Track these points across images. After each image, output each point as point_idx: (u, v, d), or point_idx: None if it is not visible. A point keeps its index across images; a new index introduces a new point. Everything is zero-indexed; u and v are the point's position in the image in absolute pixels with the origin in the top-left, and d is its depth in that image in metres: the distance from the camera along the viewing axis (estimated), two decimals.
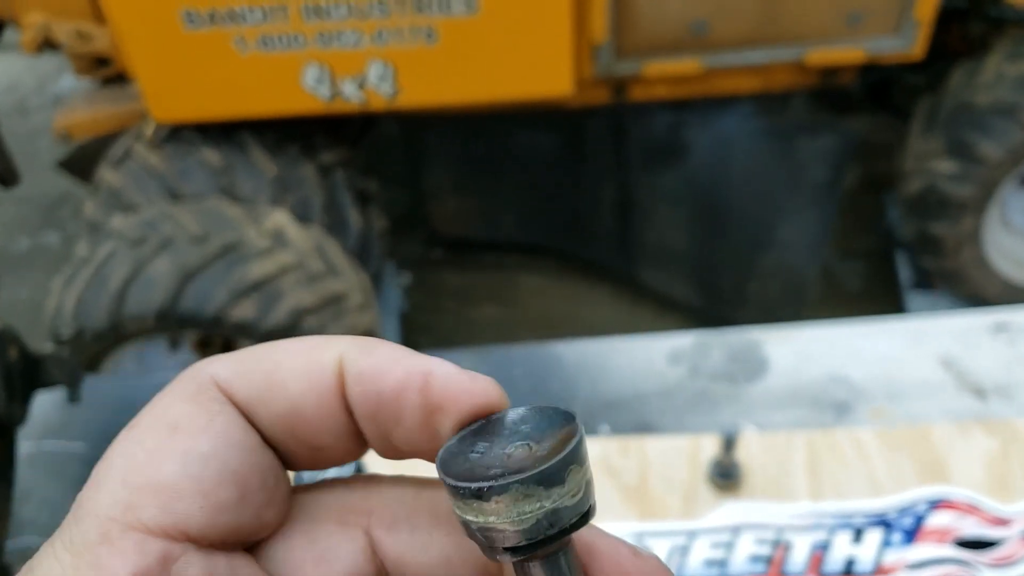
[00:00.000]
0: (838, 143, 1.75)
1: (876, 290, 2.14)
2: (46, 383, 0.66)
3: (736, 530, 0.64)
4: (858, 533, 0.64)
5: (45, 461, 0.72)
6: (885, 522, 0.65)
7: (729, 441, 0.63)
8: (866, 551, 0.64)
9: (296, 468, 0.23)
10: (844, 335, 0.70)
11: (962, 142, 1.67)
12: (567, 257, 2.21)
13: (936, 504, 0.65)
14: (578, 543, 0.22)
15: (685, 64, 1.59)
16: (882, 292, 2.11)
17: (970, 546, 0.64)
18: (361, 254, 1.69)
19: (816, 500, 0.65)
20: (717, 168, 1.84)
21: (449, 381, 0.21)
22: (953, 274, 1.84)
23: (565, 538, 0.20)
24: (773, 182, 1.83)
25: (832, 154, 1.76)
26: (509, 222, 2.15)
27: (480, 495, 0.19)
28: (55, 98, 2.86)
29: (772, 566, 0.62)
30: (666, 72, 1.60)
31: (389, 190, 2.08)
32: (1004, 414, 0.68)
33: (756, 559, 0.63)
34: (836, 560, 0.63)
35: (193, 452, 0.21)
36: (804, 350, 0.70)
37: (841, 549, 0.63)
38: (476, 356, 0.72)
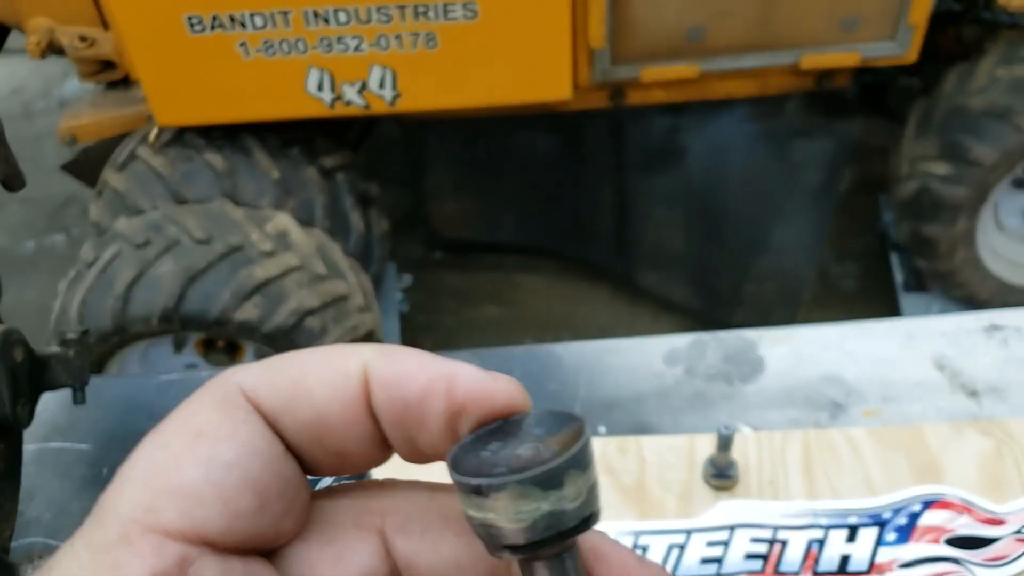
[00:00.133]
0: (833, 146, 1.75)
1: (871, 291, 2.15)
2: (52, 384, 0.67)
3: (732, 528, 0.65)
4: (853, 531, 0.65)
5: (50, 461, 0.73)
6: (879, 521, 0.65)
7: (725, 441, 0.64)
8: (860, 549, 0.64)
9: (320, 475, 0.24)
10: (839, 336, 0.71)
11: (956, 145, 1.68)
12: (566, 259, 2.22)
13: (930, 503, 0.66)
14: (585, 547, 0.22)
15: (682, 69, 1.60)
16: (877, 293, 2.12)
17: (964, 545, 0.64)
18: (362, 256, 1.70)
19: (811, 499, 0.66)
20: (714, 171, 1.85)
21: (473, 384, 0.21)
22: (947, 275, 1.85)
23: (567, 541, 0.21)
24: (769, 185, 1.83)
25: (827, 157, 1.77)
26: (509, 224, 2.16)
27: (480, 491, 0.20)
28: (60, 102, 2.88)
29: (767, 564, 0.63)
30: (663, 77, 1.61)
31: (390, 192, 2.09)
32: (998, 414, 0.69)
33: (751, 557, 0.63)
34: (831, 558, 0.64)
35: (216, 459, 0.21)
36: (799, 351, 0.71)
37: (836, 547, 0.64)
38: (476, 357, 0.73)
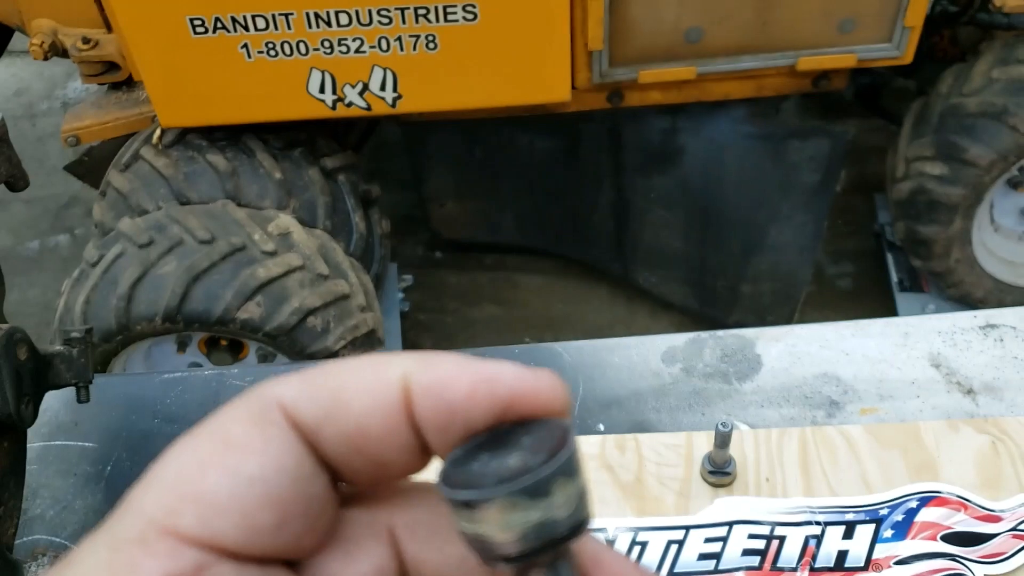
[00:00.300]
0: (829, 147, 1.76)
1: (867, 291, 2.16)
2: (56, 383, 0.67)
3: (730, 525, 0.65)
4: (850, 528, 0.66)
5: (54, 459, 0.74)
6: (876, 517, 0.66)
7: (723, 438, 0.64)
8: (857, 546, 0.65)
9: (359, 484, 0.24)
10: (835, 335, 0.72)
11: (951, 145, 1.68)
12: (565, 259, 2.23)
13: (927, 500, 0.67)
14: (585, 555, 0.23)
15: (680, 71, 1.61)
16: (872, 293, 2.12)
17: (960, 542, 0.65)
18: (364, 256, 1.71)
19: (808, 496, 0.67)
20: (711, 172, 1.85)
21: (517, 384, 0.21)
22: (943, 275, 1.85)
23: (560, 548, 0.21)
24: (766, 185, 1.84)
25: (823, 157, 1.77)
26: (508, 224, 2.16)
27: (469, 505, 0.20)
28: (63, 103, 2.89)
29: (765, 560, 0.64)
30: (661, 78, 1.61)
31: (391, 193, 2.10)
32: (994, 412, 0.70)
33: (749, 553, 0.64)
34: (828, 554, 0.64)
35: (241, 472, 0.21)
36: (796, 349, 0.71)
37: (833, 544, 0.65)
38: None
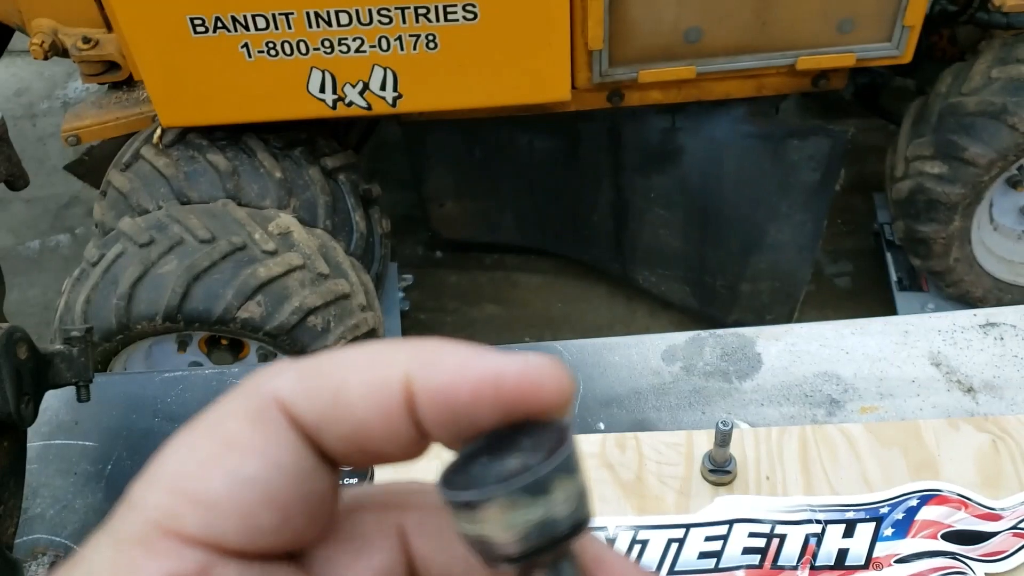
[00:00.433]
0: (828, 146, 1.76)
1: (866, 290, 2.16)
2: (56, 382, 0.67)
3: (730, 523, 0.65)
4: (850, 527, 0.66)
5: (54, 458, 0.74)
6: (877, 516, 0.66)
7: (723, 437, 0.64)
8: (858, 544, 0.65)
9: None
10: (835, 333, 0.72)
11: (951, 144, 1.68)
12: (565, 258, 2.23)
13: (927, 499, 0.67)
14: (588, 556, 0.23)
15: (679, 70, 1.61)
16: (872, 292, 2.12)
17: (961, 540, 0.65)
18: (364, 255, 1.71)
19: (808, 494, 0.67)
20: (710, 171, 1.85)
21: (522, 383, 0.21)
22: (942, 274, 1.85)
23: (562, 547, 0.21)
24: (765, 184, 1.84)
25: (823, 157, 1.77)
26: (508, 224, 2.16)
27: (470, 506, 0.20)
28: (64, 103, 2.89)
29: (765, 558, 0.64)
30: (661, 78, 1.61)
31: (391, 193, 2.10)
32: (994, 411, 0.70)
33: (749, 551, 0.64)
34: (828, 553, 0.64)
35: (241, 474, 0.21)
36: (796, 348, 0.71)
37: (833, 542, 0.65)
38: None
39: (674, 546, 0.64)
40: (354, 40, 1.45)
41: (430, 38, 1.46)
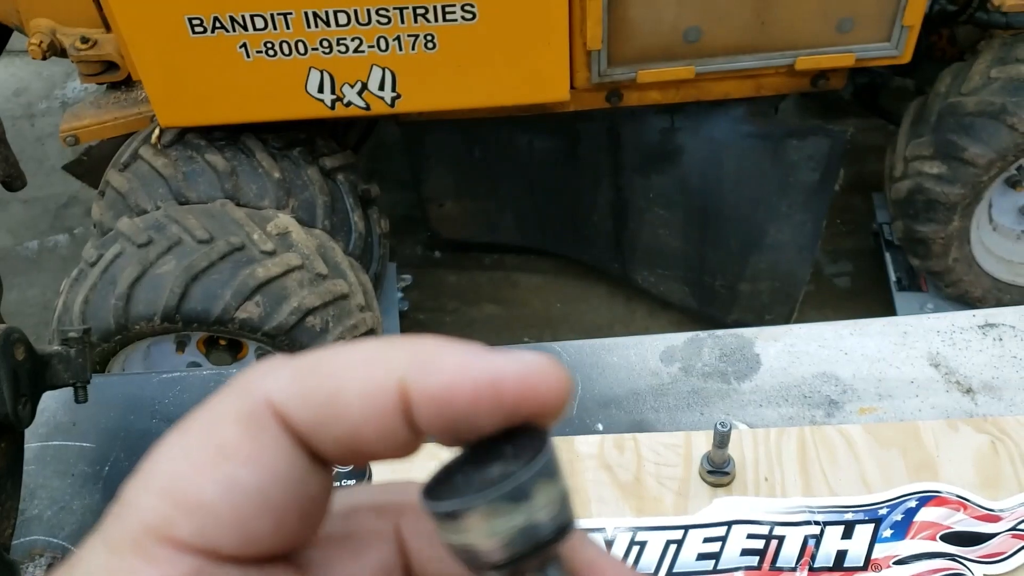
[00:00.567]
0: (828, 146, 1.76)
1: (865, 290, 2.16)
2: (54, 383, 0.67)
3: (729, 525, 0.65)
4: (849, 528, 0.66)
5: (52, 460, 0.73)
6: (875, 517, 0.66)
7: (721, 438, 0.64)
8: (857, 546, 0.65)
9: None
10: (834, 334, 0.72)
11: (950, 144, 1.68)
12: (564, 258, 2.23)
13: (926, 500, 0.66)
14: (582, 560, 0.23)
15: (678, 70, 1.61)
16: (871, 292, 2.12)
17: (960, 541, 0.65)
18: (363, 255, 1.71)
19: (807, 496, 0.67)
20: (709, 171, 1.85)
21: (521, 387, 0.21)
22: (941, 274, 1.86)
23: (547, 552, 0.21)
24: (764, 184, 1.84)
25: (822, 157, 1.77)
26: (507, 224, 2.16)
27: (452, 515, 0.20)
28: (62, 103, 2.89)
29: (764, 560, 0.64)
30: (660, 78, 1.61)
31: (390, 193, 2.10)
32: (993, 412, 0.70)
33: (748, 553, 0.64)
34: (827, 554, 0.64)
35: (236, 481, 0.21)
36: (795, 349, 0.71)
37: (832, 544, 0.65)
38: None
39: (672, 547, 0.64)
40: (352, 40, 1.45)
41: (428, 38, 1.46)
